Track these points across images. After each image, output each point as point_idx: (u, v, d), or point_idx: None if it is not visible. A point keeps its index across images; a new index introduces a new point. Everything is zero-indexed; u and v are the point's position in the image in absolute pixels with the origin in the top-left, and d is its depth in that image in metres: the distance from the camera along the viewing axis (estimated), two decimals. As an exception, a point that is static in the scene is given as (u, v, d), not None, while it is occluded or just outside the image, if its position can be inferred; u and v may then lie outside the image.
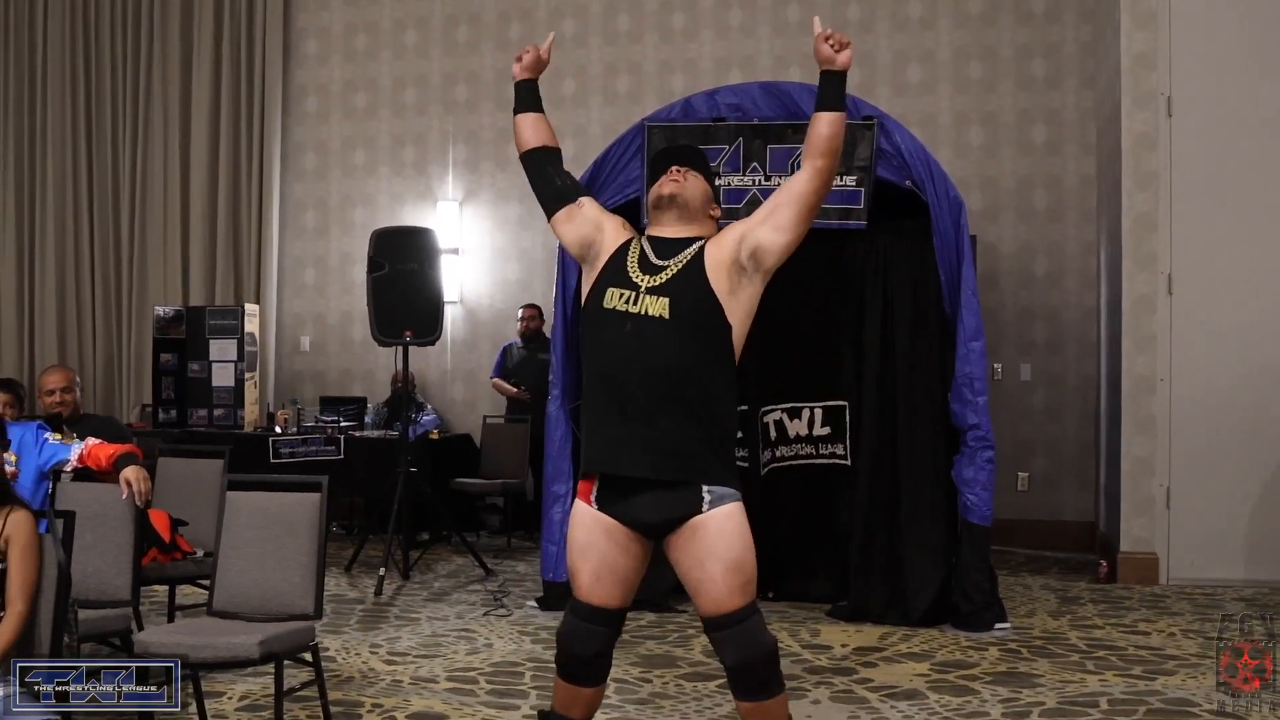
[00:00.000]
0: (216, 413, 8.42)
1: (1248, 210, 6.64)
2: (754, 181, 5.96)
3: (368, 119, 9.62)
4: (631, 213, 6.01)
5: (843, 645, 5.29)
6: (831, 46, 3.18)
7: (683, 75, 9.02)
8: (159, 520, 4.83)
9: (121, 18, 9.89)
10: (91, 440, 4.33)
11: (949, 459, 5.72)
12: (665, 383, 3.01)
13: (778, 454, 6.21)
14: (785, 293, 6.10)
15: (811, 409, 6.16)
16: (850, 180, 5.88)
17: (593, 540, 3.12)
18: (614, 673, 4.81)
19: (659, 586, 6.08)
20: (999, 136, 8.46)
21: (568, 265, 6.13)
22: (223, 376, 8.44)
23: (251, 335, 8.55)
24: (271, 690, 4.27)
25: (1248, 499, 6.58)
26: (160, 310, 8.73)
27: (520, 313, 8.61)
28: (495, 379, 8.75)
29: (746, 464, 6.09)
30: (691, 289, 3.06)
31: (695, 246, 3.14)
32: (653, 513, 3.07)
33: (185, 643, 3.65)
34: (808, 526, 6.21)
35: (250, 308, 8.70)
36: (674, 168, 3.26)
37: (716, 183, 3.55)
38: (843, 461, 6.09)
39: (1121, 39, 6.84)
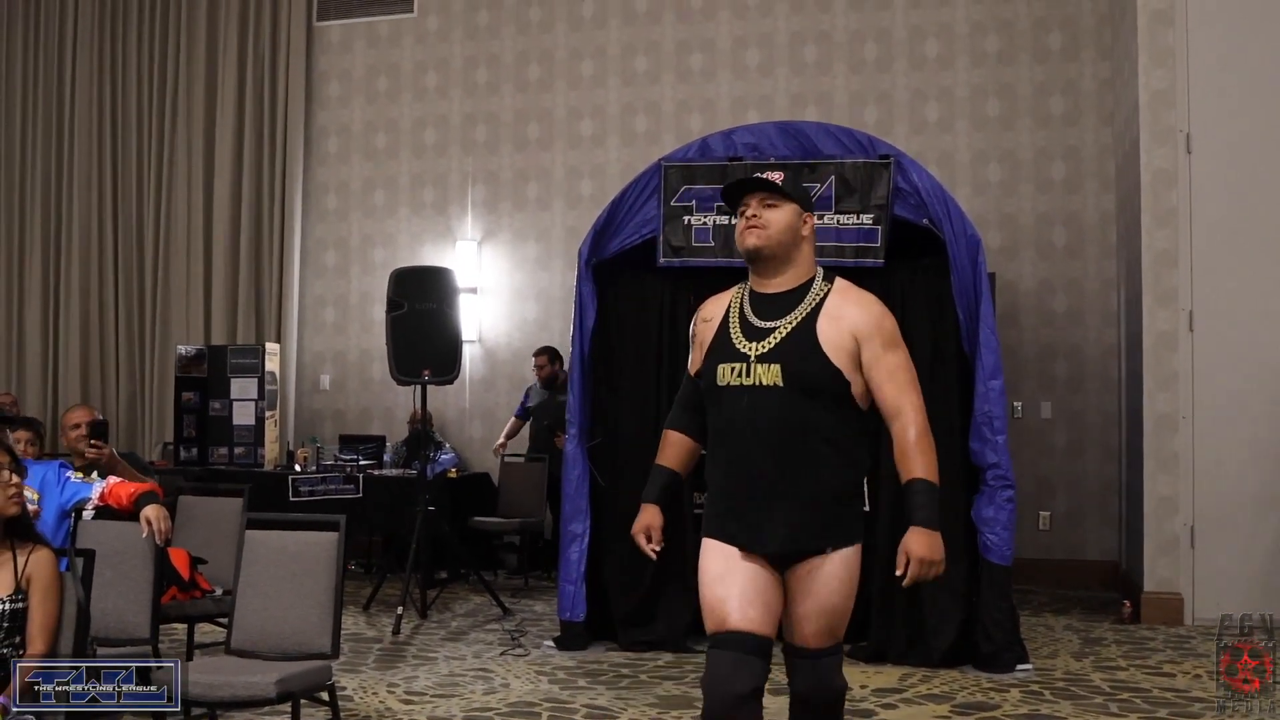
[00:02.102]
0: (237, 451, 8.48)
1: (1268, 246, 6.63)
2: (771, 220, 5.98)
3: (388, 160, 9.73)
4: (647, 251, 6.08)
5: (862, 686, 5.26)
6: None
7: (700, 115, 9.09)
8: (178, 558, 4.86)
9: (148, 62, 10.05)
10: (113, 479, 4.36)
11: (969, 498, 5.70)
12: (788, 452, 2.94)
13: None
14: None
15: None
16: (867, 219, 5.91)
17: (731, 566, 2.98)
18: (630, 713, 4.82)
19: (676, 625, 6.08)
20: (1017, 174, 8.49)
21: (585, 305, 6.17)
22: (244, 415, 8.51)
23: (272, 374, 8.62)
24: (289, 730, 4.29)
25: (1274, 538, 6.52)
26: (182, 349, 8.82)
27: (533, 360, 8.64)
28: (515, 419, 8.78)
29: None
30: (801, 351, 2.94)
31: (804, 306, 2.99)
32: (784, 544, 2.98)
33: (202, 681, 3.67)
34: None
35: (271, 347, 8.78)
36: (750, 206, 3.02)
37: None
38: (863, 509, 6.00)
39: (1140, 76, 6.87)
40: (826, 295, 3.00)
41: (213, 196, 9.79)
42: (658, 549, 3.11)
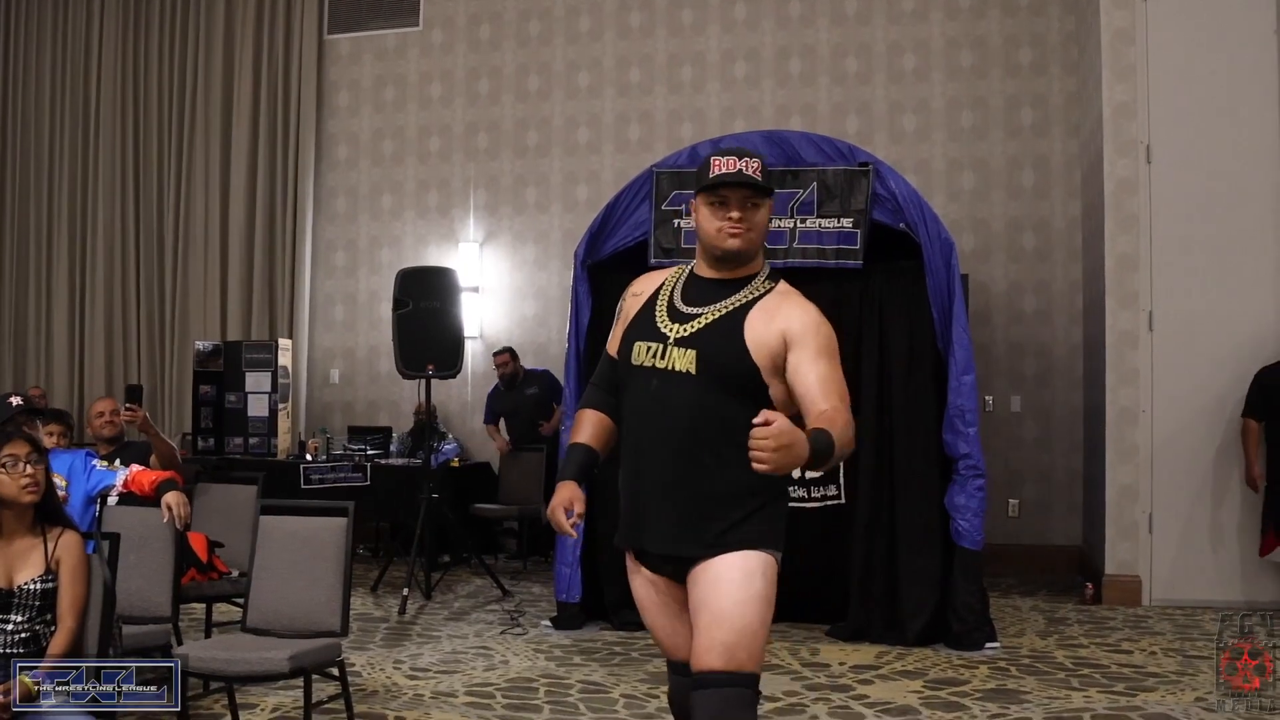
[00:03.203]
0: (251, 441, 8.51)
1: (1223, 251, 6.68)
2: (756, 225, 6.02)
3: (395, 165, 9.74)
4: (640, 253, 6.11)
5: (840, 664, 5.31)
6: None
7: (690, 124, 9.12)
8: (197, 542, 4.89)
9: (168, 72, 10.06)
10: (135, 467, 4.40)
11: (943, 487, 5.75)
12: (688, 446, 2.58)
13: None
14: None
15: None
16: (847, 222, 5.96)
17: (647, 590, 2.75)
18: (622, 688, 4.86)
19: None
20: (990, 181, 8.54)
21: (580, 303, 6.21)
22: (257, 407, 8.53)
23: (285, 368, 8.65)
24: (301, 703, 4.34)
25: (1225, 524, 6.59)
26: (200, 345, 8.84)
27: (494, 360, 8.64)
28: (488, 425, 8.75)
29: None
30: (722, 341, 2.59)
31: (739, 296, 2.64)
32: (663, 544, 2.66)
33: (221, 657, 3.71)
34: (804, 554, 6.15)
35: (284, 343, 8.80)
36: (732, 206, 2.60)
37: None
38: (836, 502, 6.01)
39: (1103, 91, 6.92)
40: (767, 293, 2.65)
41: (229, 200, 9.80)
42: (579, 524, 2.74)
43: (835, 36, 8.92)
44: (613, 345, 2.83)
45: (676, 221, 6.10)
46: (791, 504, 5.96)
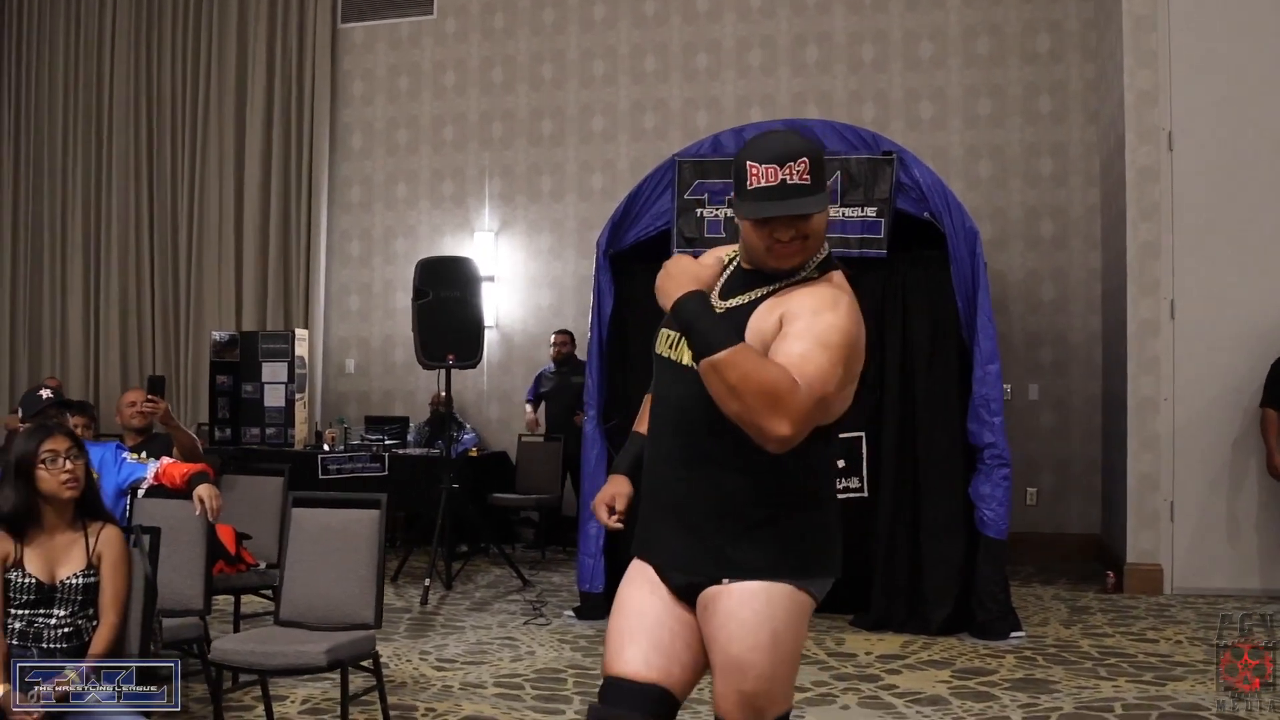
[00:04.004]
0: (268, 431, 8.50)
1: (1245, 239, 6.66)
2: (779, 214, 6.00)
3: (409, 155, 9.72)
4: (662, 242, 6.09)
5: (867, 653, 5.31)
6: None
7: (706, 112, 9.09)
8: (225, 534, 4.89)
9: (181, 63, 10.03)
10: (166, 459, 4.40)
11: (966, 476, 5.74)
12: (694, 450, 2.28)
13: None
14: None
15: None
16: (871, 211, 5.93)
17: (644, 595, 2.38)
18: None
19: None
20: (1007, 169, 8.50)
21: (603, 293, 6.20)
22: (274, 397, 8.53)
23: (301, 359, 8.64)
24: (331, 694, 4.36)
25: (1246, 512, 6.58)
26: (216, 335, 8.83)
27: (553, 338, 8.64)
28: (528, 402, 8.75)
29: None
30: None
31: (770, 287, 2.27)
32: (669, 561, 2.36)
33: (258, 651, 3.71)
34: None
35: (300, 333, 8.79)
36: (780, 233, 2.19)
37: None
38: (858, 494, 5.96)
39: (1124, 77, 6.88)
40: (802, 281, 2.26)
41: (243, 190, 9.79)
42: (621, 523, 2.48)
43: (851, 24, 8.88)
44: None
45: (699, 211, 6.08)
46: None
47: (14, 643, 3.04)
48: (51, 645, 3.06)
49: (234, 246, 9.77)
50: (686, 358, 2.27)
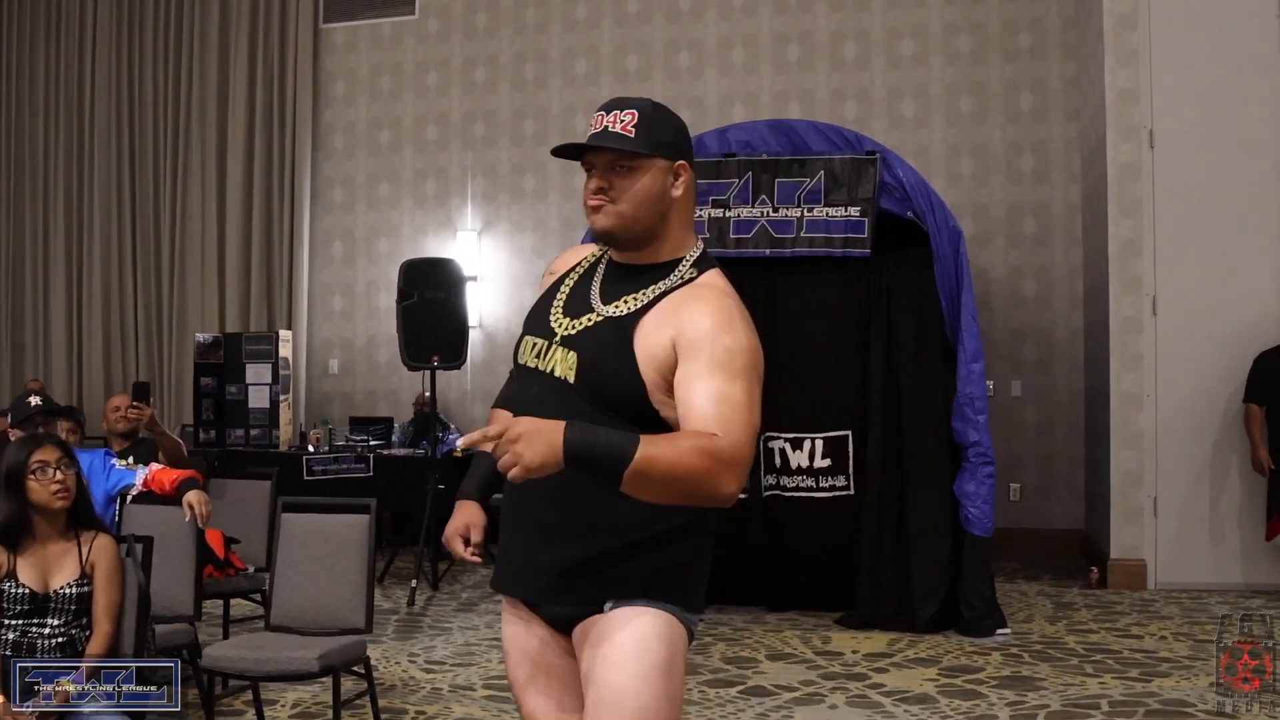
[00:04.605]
0: (253, 432, 8.48)
1: (1226, 235, 6.72)
2: (763, 213, 6.05)
3: (391, 155, 9.71)
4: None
5: (854, 651, 5.35)
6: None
7: (689, 111, 9.09)
8: (213, 538, 4.89)
9: (163, 65, 9.99)
10: (155, 465, 4.39)
11: (951, 475, 5.79)
12: (565, 471, 1.89)
13: (780, 482, 6.11)
14: (791, 317, 6.23)
15: (813, 440, 6.03)
16: (854, 211, 5.97)
17: (518, 640, 2.21)
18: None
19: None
20: (989, 166, 8.56)
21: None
22: (258, 398, 8.49)
23: (285, 360, 8.62)
24: (321, 698, 4.37)
25: (1229, 507, 6.65)
26: (200, 337, 8.80)
27: None
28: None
29: (744, 493, 6.10)
30: (607, 347, 2.05)
31: (650, 290, 2.07)
32: (541, 595, 2.14)
33: (250, 657, 3.72)
34: (812, 543, 6.19)
35: (284, 334, 8.77)
36: (595, 173, 2.07)
37: (715, 211, 2.89)
38: (844, 492, 6.01)
39: (1105, 76, 6.94)
40: (682, 285, 2.07)
41: (225, 191, 9.75)
42: (479, 555, 2.23)
43: (833, 22, 8.92)
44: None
45: (684, 212, 6.09)
46: (800, 493, 6.14)
47: (8, 653, 3.04)
48: (45, 655, 3.06)
49: (217, 248, 9.74)
50: (560, 368, 2.07)
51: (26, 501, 3.14)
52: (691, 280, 2.07)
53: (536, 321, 2.19)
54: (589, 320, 2.09)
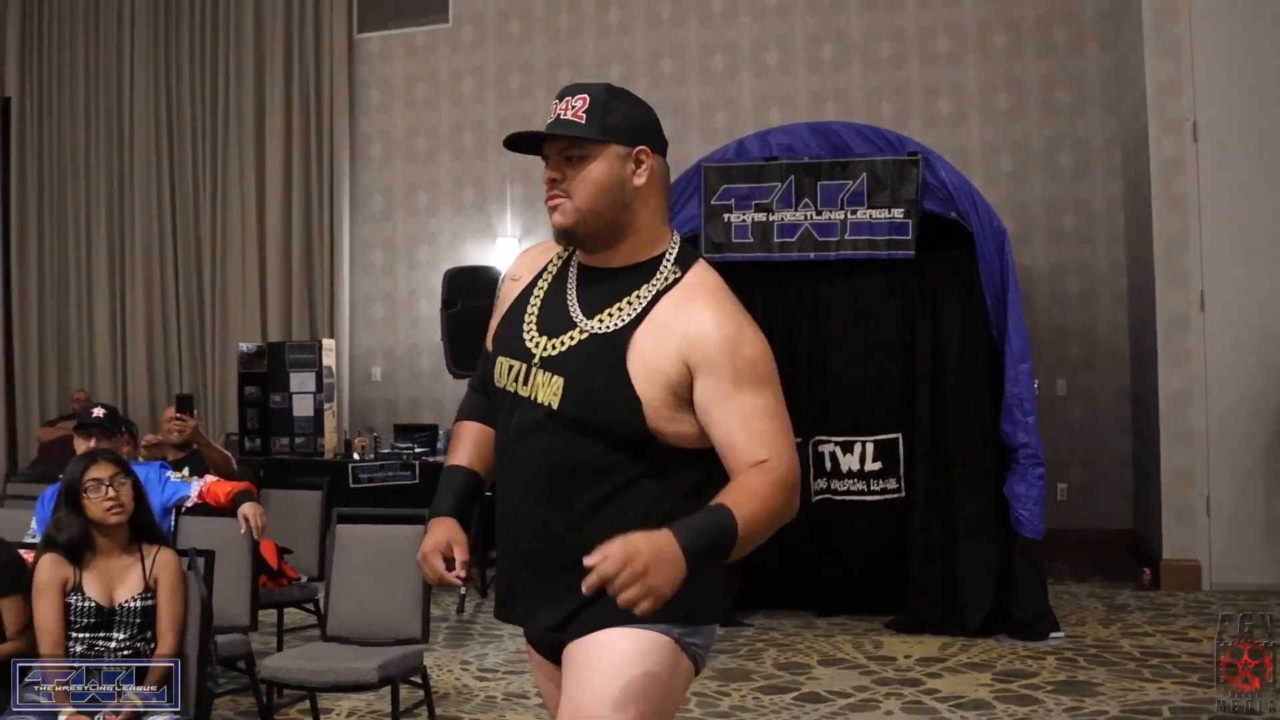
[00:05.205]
0: (298, 441, 8.52)
1: (1275, 226, 6.62)
2: (806, 216, 6.02)
3: (429, 163, 9.74)
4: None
5: (905, 656, 5.30)
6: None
7: (724, 114, 9.09)
8: (267, 549, 4.91)
9: (200, 76, 10.07)
10: (210, 478, 4.42)
11: (999, 476, 5.73)
12: (547, 498, 1.92)
13: (831, 486, 6.08)
14: (837, 320, 6.20)
15: (863, 443, 6.00)
16: (898, 212, 5.93)
17: (548, 690, 2.14)
18: (692, 686, 4.86)
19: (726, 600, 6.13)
20: (1028, 163, 8.48)
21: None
22: (303, 407, 8.54)
23: (329, 368, 8.66)
24: (376, 707, 4.39)
25: (1280, 506, 6.55)
26: (244, 346, 8.87)
27: None
28: None
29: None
30: (597, 369, 1.90)
31: (635, 298, 1.93)
32: (531, 624, 2.05)
33: (308, 668, 3.74)
34: (861, 546, 6.14)
35: (327, 343, 8.81)
36: (550, 170, 1.97)
37: (734, 216, 2.83)
38: (895, 495, 5.97)
39: (1146, 68, 6.85)
40: (669, 287, 1.92)
41: (265, 202, 9.82)
42: (462, 575, 2.01)
43: (867, 21, 8.87)
44: (490, 339, 2.14)
45: (726, 216, 6.08)
46: (851, 497, 6.10)
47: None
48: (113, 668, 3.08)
49: (258, 258, 9.81)
50: (542, 394, 1.92)
51: (86, 517, 3.16)
52: (678, 280, 1.93)
53: (509, 340, 2.01)
54: (571, 338, 1.93)
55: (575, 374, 1.90)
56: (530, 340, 1.97)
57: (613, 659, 1.86)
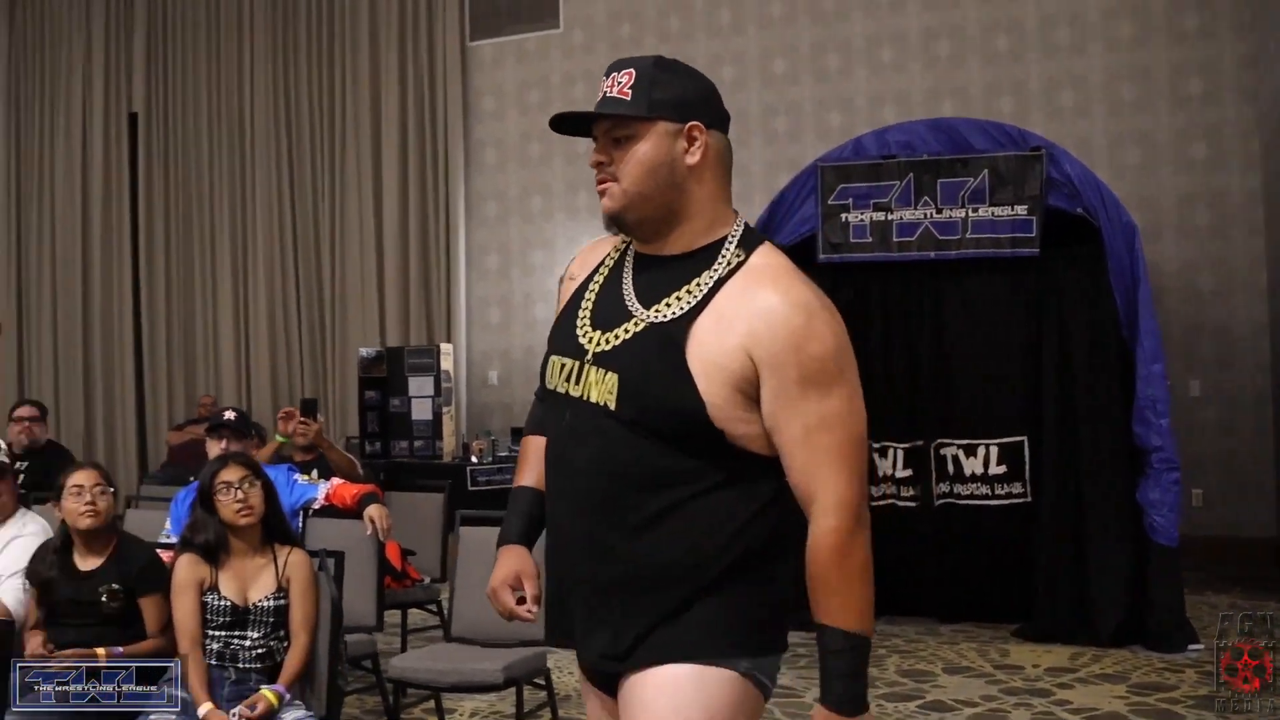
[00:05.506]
0: (417, 444, 8.68)
1: None
2: (926, 215, 5.90)
3: (542, 168, 9.83)
4: (807, 249, 6.01)
5: (1034, 665, 5.15)
6: None
7: (839, 113, 8.97)
8: (391, 550, 5.00)
9: (318, 87, 10.33)
10: (336, 480, 4.51)
11: (1131, 480, 5.53)
12: (612, 510, 1.75)
13: (954, 490, 5.96)
14: (959, 321, 6.06)
15: (987, 446, 5.88)
16: (1021, 209, 5.77)
17: (591, 709, 1.96)
18: (814, 693, 4.79)
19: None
20: (1156, 156, 8.18)
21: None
22: (421, 410, 8.69)
23: (446, 372, 8.80)
24: (498, 708, 4.42)
25: None
26: (364, 352, 9.06)
27: None
28: None
29: (915, 501, 5.98)
30: (654, 363, 1.73)
31: (696, 285, 1.76)
32: (590, 651, 1.84)
33: (435, 668, 3.78)
34: (986, 551, 5.99)
35: (445, 347, 8.96)
36: (597, 153, 1.83)
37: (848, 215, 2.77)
38: (1021, 499, 5.83)
39: (1287, 56, 6.56)
40: (735, 271, 1.75)
41: (382, 209, 10.02)
42: (534, 610, 1.89)
43: (984, 14, 8.67)
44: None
45: (844, 216, 5.99)
46: (975, 501, 5.95)
47: (212, 663, 3.15)
48: (246, 665, 3.16)
49: (375, 264, 10.01)
50: (596, 392, 1.76)
51: (219, 519, 3.25)
52: (742, 264, 1.75)
53: (562, 337, 1.87)
54: (626, 330, 1.77)
55: (631, 369, 1.74)
56: (583, 335, 1.82)
57: (677, 703, 1.70)
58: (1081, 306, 5.77)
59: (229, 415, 4.45)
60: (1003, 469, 5.84)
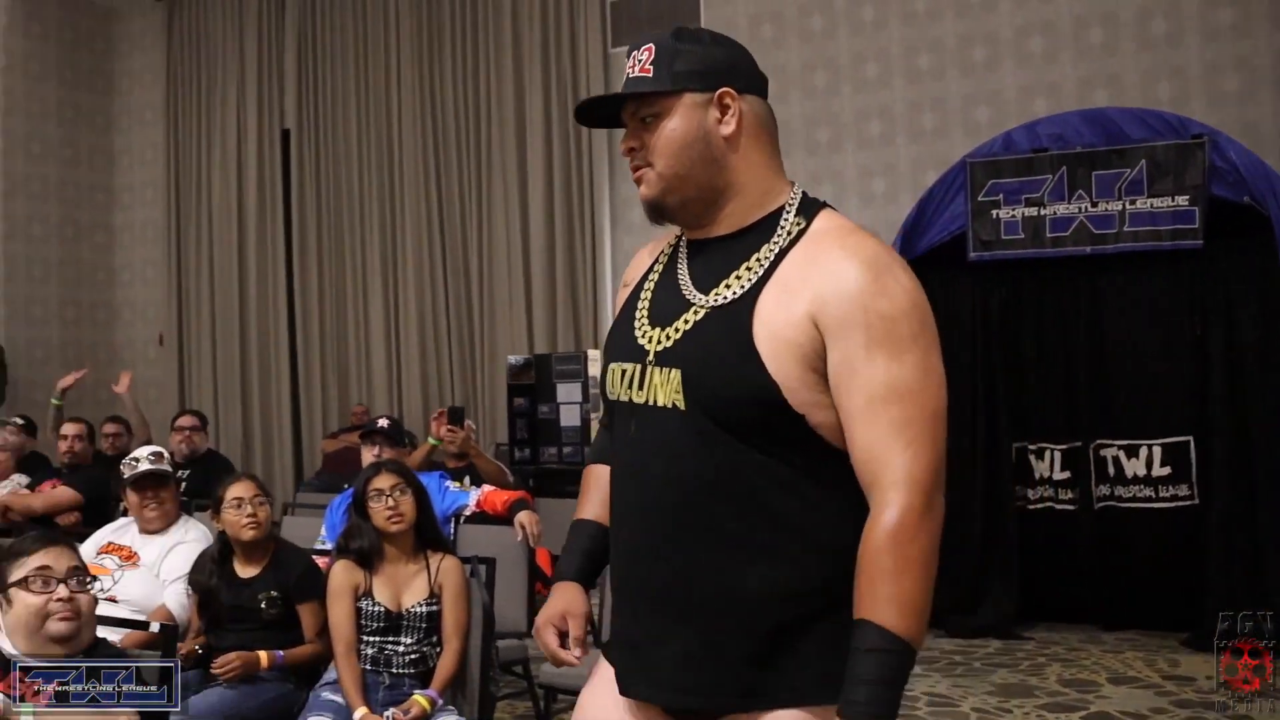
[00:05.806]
0: (565, 450, 8.78)
1: None
2: (1080, 209, 5.69)
3: (684, 173, 9.82)
4: (957, 247, 5.85)
5: (1207, 677, 4.89)
6: None
7: (987, 108, 8.71)
8: (542, 557, 5.07)
9: (463, 99, 10.54)
10: (487, 487, 4.59)
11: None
12: (683, 526, 1.57)
13: (1115, 493, 5.75)
14: (1118, 318, 5.82)
15: (1149, 447, 5.66)
16: (1183, 200, 5.52)
17: (590, 699, 1.83)
18: (972, 701, 4.66)
19: (1003, 613, 5.84)
20: (1334, 140, 7.70)
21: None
22: (569, 417, 8.79)
23: (594, 379, 8.88)
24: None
25: None
26: (512, 359, 9.22)
27: None
28: None
29: (1074, 504, 5.77)
30: (717, 349, 1.57)
31: (756, 260, 1.61)
32: (671, 695, 1.64)
33: (585, 674, 3.78)
34: (1151, 556, 5.75)
35: (592, 353, 9.04)
36: (628, 139, 1.69)
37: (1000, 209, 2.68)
38: (1188, 502, 5.58)
39: None
40: (797, 239, 1.60)
41: (528, 217, 10.16)
42: (579, 655, 1.78)
43: (1138, -1, 8.31)
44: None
45: (994, 212, 5.83)
46: (1137, 504, 5.70)
47: (367, 667, 3.24)
48: (400, 670, 3.24)
49: (523, 272, 10.17)
50: (663, 394, 1.59)
51: (373, 526, 3.33)
52: (804, 232, 1.60)
53: (620, 343, 1.73)
54: (686, 321, 1.60)
55: (694, 360, 1.57)
56: (642, 335, 1.66)
57: None
58: (1250, 300, 5.50)
59: (382, 423, 4.57)
60: (1167, 470, 5.59)
